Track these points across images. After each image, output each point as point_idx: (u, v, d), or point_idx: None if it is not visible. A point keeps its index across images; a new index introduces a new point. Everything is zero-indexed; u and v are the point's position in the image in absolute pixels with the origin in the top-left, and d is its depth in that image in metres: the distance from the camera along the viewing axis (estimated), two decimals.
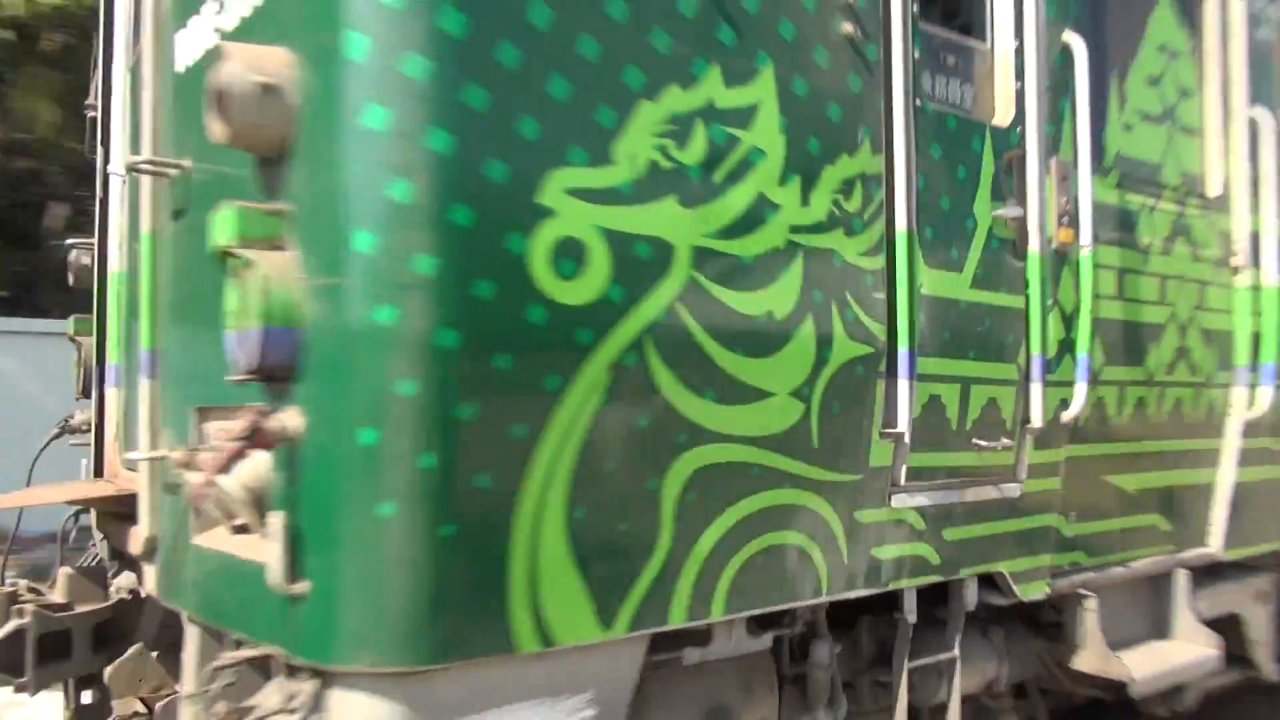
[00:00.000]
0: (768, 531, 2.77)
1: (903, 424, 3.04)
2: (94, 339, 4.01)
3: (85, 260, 4.86)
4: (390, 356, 2.17)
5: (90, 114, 4.32)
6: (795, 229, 2.80)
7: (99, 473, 3.94)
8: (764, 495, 2.76)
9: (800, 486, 2.84)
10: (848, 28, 2.95)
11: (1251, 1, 4.58)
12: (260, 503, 2.46)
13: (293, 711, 2.43)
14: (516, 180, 2.28)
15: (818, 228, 2.85)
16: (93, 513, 4.64)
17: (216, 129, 2.30)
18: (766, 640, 3.03)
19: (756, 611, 2.83)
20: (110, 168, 3.84)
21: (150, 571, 3.14)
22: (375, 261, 2.16)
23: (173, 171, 2.96)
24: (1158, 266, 4.09)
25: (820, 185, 2.86)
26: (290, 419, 2.27)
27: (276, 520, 2.26)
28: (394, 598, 2.22)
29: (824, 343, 2.86)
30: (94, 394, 4.01)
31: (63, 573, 3.52)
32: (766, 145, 2.74)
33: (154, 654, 3.51)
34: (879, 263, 3.01)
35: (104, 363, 3.98)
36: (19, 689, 3.22)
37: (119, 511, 3.47)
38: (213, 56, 2.44)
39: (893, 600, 3.34)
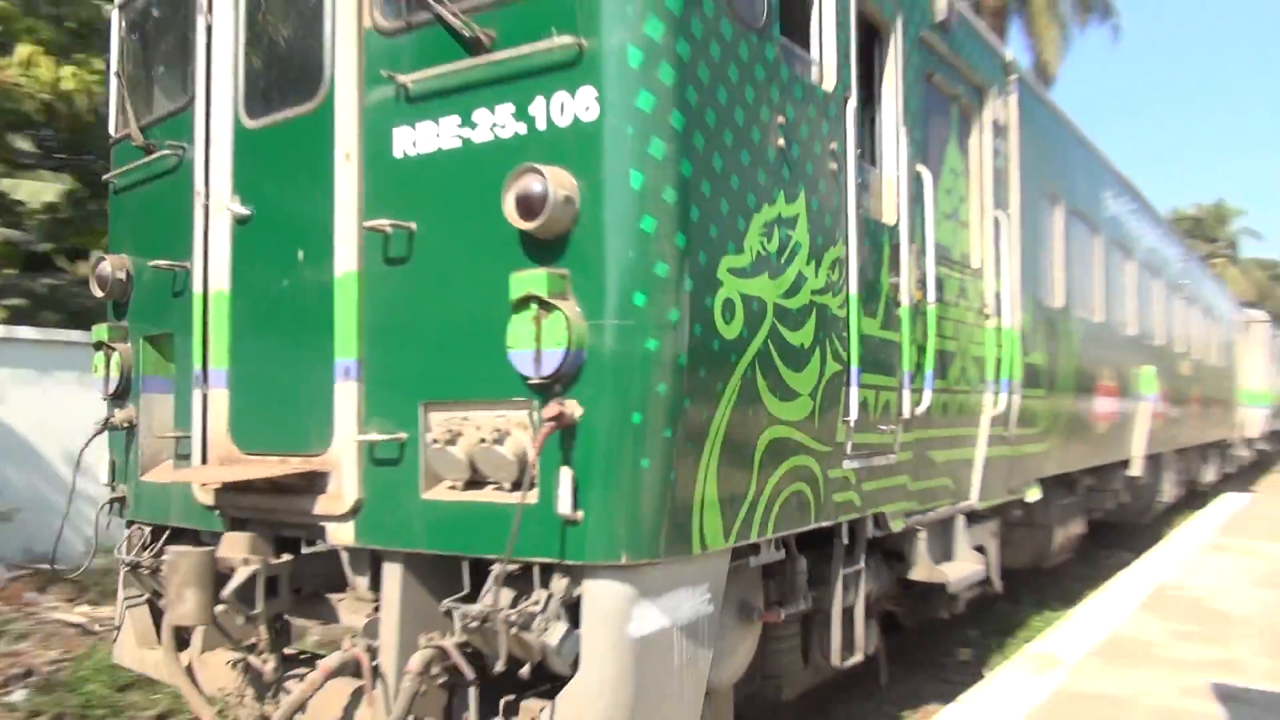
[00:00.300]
0: (794, 482, 4.42)
1: (853, 415, 4.83)
2: (200, 349, 4.76)
3: (120, 275, 5.44)
4: (654, 370, 3.57)
5: (176, 154, 5.01)
6: (813, 292, 4.50)
7: (204, 459, 4.72)
8: (794, 458, 4.41)
9: (809, 453, 4.52)
10: (833, 165, 4.70)
11: (993, 140, 6.95)
12: (520, 465, 3.70)
13: (536, 602, 3.71)
14: (709, 263, 3.78)
15: (821, 291, 4.58)
16: (130, 498, 5.30)
17: (524, 220, 3.54)
18: (780, 554, 4.67)
19: (785, 533, 4.46)
20: (229, 206, 4.67)
21: (344, 528, 4.14)
22: (646, 312, 3.56)
23: (389, 229, 4.03)
24: (953, 314, 6.26)
25: (823, 265, 4.59)
26: (574, 408, 3.57)
27: (566, 472, 3.54)
28: (643, 519, 3.61)
29: (824, 362, 4.58)
30: (197, 395, 4.76)
31: (235, 535, 4.34)
32: (802, 240, 4.41)
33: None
34: (845, 313, 4.79)
35: (206, 369, 4.77)
36: (249, 619, 4.07)
37: (266, 486, 4.36)
38: (494, 164, 3.67)
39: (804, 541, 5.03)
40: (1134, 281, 11.75)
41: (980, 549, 6.90)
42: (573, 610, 3.75)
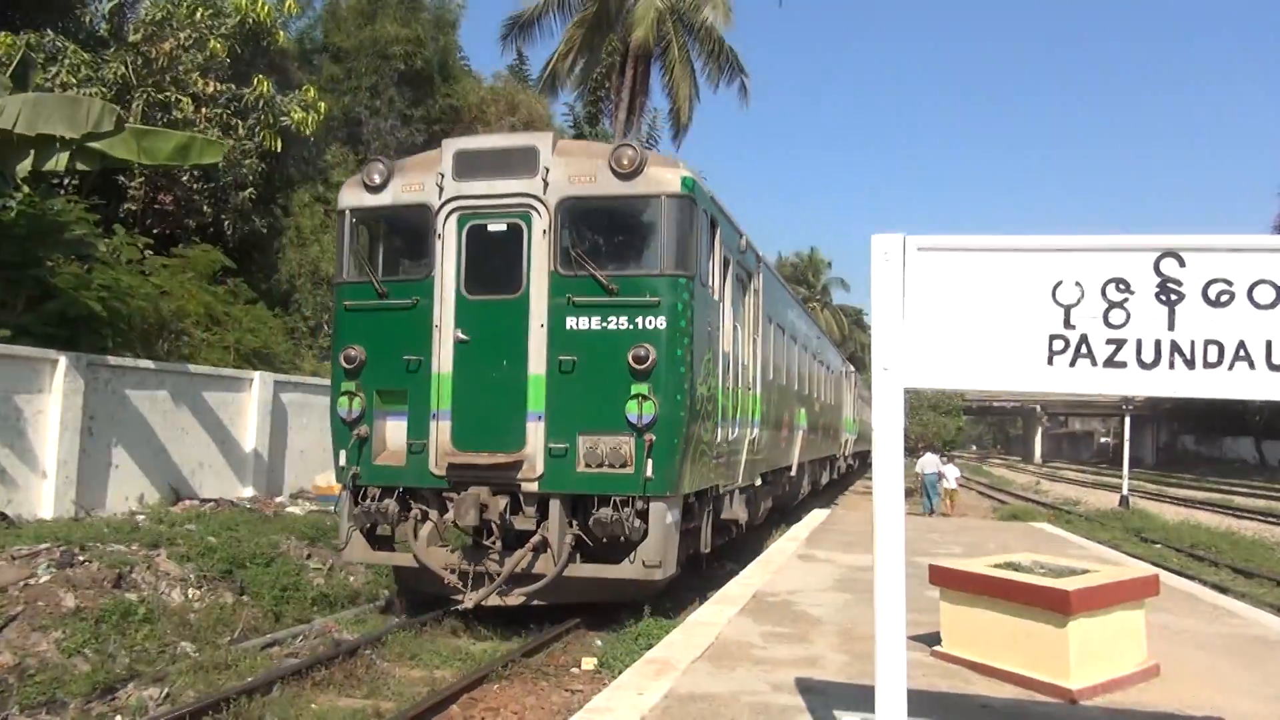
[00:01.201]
0: (703, 468, 10.36)
1: (719, 439, 10.50)
2: (435, 400, 9.66)
3: (360, 356, 9.91)
4: (681, 424, 9.38)
5: (413, 301, 9.87)
6: (712, 388, 10.15)
7: (435, 454, 9.66)
8: (703, 458, 10.32)
9: (707, 456, 10.56)
10: (719, 332, 10.60)
11: (754, 299, 12.91)
12: (628, 458, 9.26)
13: (624, 514, 9.20)
14: (694, 381, 9.65)
15: (716, 386, 10.74)
16: (363, 473, 9.91)
17: (637, 365, 9.10)
18: (693, 499, 10.30)
19: (701, 488, 10.40)
20: (456, 334, 9.66)
21: (533, 484, 9.34)
22: (680, 401, 9.37)
23: (565, 359, 9.35)
24: (741, 390, 12.05)
25: (716, 375, 10.80)
26: (653, 437, 9.15)
27: (649, 461, 9.09)
28: (673, 478, 9.44)
29: (716, 416, 10.70)
30: (433, 423, 9.63)
31: (479, 489, 9.34)
32: (712, 367, 10.57)
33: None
34: (721, 395, 10.85)
35: (445, 402, 9.66)
36: (501, 523, 9.41)
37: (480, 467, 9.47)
38: (612, 340, 9.28)
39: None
40: (797, 358, 18.35)
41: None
42: (640, 514, 9.20)
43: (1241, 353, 3.13)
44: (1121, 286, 3.26)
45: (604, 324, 9.35)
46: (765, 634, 6.82)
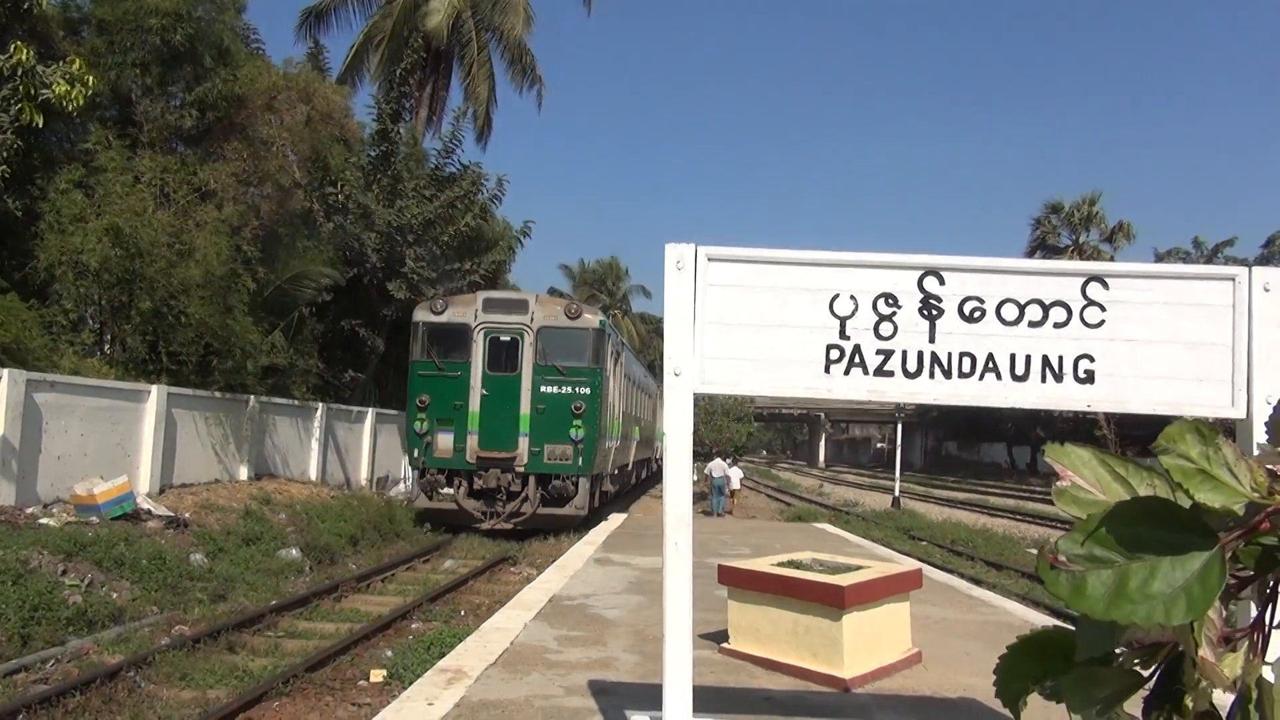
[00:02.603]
0: (599, 462, 20.19)
1: (609, 446, 21.04)
2: (470, 424, 19.44)
3: (427, 400, 19.63)
4: (595, 439, 19.24)
5: (458, 373, 19.77)
6: (606, 421, 19.30)
7: (467, 452, 19.46)
8: (601, 456, 20.20)
9: (602, 455, 20.25)
10: (611, 392, 20.73)
11: (622, 366, 23.35)
12: (571, 455, 19.44)
13: (566, 483, 19.36)
14: (605, 418, 20.26)
15: (610, 419, 19.95)
16: (426, 461, 19.76)
17: (576, 413, 19.08)
18: (594, 477, 20.38)
19: (597, 473, 20.65)
20: (481, 390, 19.44)
21: (521, 467, 19.26)
22: (596, 429, 19.29)
23: (540, 406, 19.49)
24: (617, 419, 22.17)
25: (606, 415, 20.32)
26: (583, 445, 19.02)
27: (580, 456, 19.20)
28: (594, 464, 19.64)
29: (614, 434, 21.30)
30: (467, 436, 19.26)
31: (496, 470, 19.16)
32: (605, 410, 19.94)
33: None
34: (611, 423, 21.01)
35: (475, 425, 19.43)
36: (510, 486, 19.41)
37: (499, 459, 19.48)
38: (563, 398, 19.56)
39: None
40: (634, 394, 27.00)
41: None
42: (574, 484, 19.24)
43: (990, 364, 3.45)
44: (890, 301, 3.51)
45: (559, 390, 19.04)
46: (560, 638, 6.78)
